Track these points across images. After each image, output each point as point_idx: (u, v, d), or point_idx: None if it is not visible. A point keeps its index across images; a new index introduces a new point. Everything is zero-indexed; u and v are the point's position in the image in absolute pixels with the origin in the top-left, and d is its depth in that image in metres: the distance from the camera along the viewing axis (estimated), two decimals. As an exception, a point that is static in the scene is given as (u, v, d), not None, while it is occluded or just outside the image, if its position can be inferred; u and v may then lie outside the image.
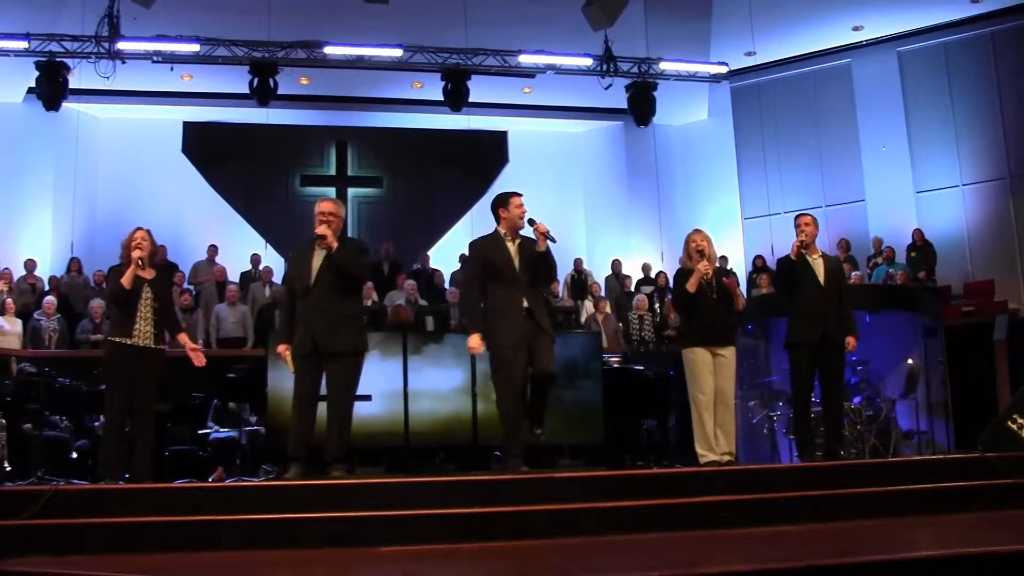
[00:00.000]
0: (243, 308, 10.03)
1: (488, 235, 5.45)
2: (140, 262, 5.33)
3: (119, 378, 5.27)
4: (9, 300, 9.39)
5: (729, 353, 5.69)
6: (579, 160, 14.10)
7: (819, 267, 5.88)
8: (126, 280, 5.30)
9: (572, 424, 7.04)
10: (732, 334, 5.80)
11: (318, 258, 5.14)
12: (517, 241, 5.37)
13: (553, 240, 5.23)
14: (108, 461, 5.21)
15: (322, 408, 5.13)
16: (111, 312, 5.73)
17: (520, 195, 5.42)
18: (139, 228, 5.55)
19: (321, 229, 5.10)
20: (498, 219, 5.42)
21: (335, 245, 5.09)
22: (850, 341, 5.80)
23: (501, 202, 5.41)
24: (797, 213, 6.21)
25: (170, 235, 11.86)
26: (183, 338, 5.66)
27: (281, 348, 5.21)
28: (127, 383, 5.26)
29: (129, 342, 5.27)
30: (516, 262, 5.30)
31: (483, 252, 5.36)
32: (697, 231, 5.90)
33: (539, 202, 12.82)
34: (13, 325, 9.22)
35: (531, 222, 5.29)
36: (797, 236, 5.91)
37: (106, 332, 5.59)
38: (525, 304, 5.24)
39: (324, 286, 5.09)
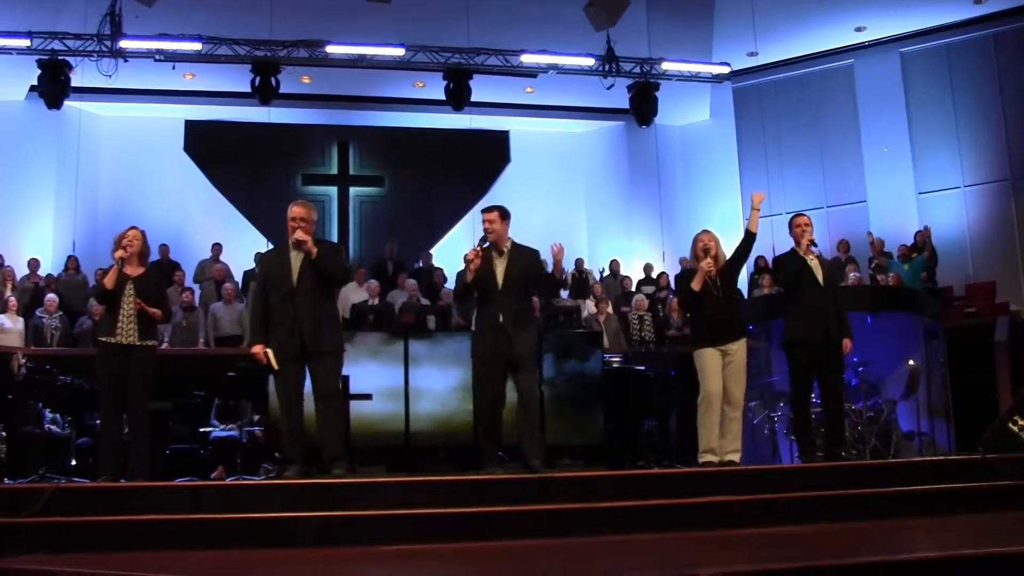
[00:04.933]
0: (239, 307, 10.03)
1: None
2: (120, 262, 5.31)
3: (107, 377, 5.28)
4: (12, 298, 9.39)
5: (739, 350, 5.62)
6: (581, 160, 14.08)
7: (816, 267, 5.88)
8: (108, 280, 5.31)
9: (573, 424, 7.05)
10: (741, 327, 5.70)
11: (297, 260, 5.15)
12: (505, 253, 5.33)
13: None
14: (105, 461, 5.23)
15: (311, 407, 5.10)
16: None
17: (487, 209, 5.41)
18: (132, 227, 5.54)
19: (300, 235, 5.11)
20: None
21: (315, 251, 5.09)
22: (847, 343, 5.80)
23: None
24: (794, 213, 6.21)
25: (172, 234, 11.87)
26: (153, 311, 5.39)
27: (258, 349, 5.06)
28: (116, 382, 5.26)
29: (113, 341, 5.28)
30: (500, 276, 5.28)
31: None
32: (705, 231, 5.90)
33: (540, 202, 13.10)
34: (15, 323, 9.22)
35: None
36: (802, 235, 5.90)
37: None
38: (500, 318, 5.21)
39: (307, 288, 5.10)
